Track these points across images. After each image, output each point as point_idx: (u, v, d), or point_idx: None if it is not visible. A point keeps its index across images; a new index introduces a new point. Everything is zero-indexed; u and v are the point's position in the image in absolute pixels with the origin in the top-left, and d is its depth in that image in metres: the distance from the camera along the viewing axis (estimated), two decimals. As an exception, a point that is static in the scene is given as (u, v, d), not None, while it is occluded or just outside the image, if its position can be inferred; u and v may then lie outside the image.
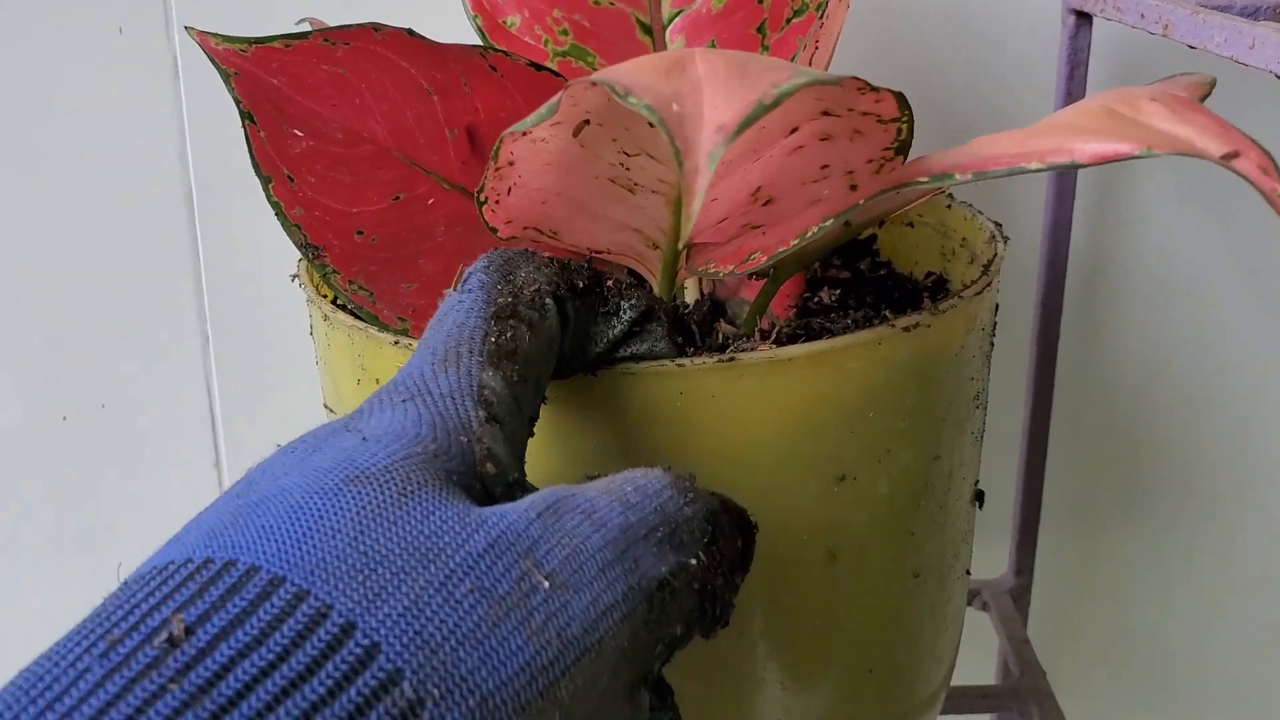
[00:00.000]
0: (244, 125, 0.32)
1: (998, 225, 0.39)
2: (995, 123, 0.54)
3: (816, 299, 0.40)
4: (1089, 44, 0.49)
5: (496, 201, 0.32)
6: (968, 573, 0.40)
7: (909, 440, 0.34)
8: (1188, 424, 0.59)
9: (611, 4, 0.38)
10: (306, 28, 0.39)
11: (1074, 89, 0.50)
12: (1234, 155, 0.23)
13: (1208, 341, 0.58)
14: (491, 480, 0.25)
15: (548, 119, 0.27)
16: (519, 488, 0.26)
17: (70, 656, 0.20)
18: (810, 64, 0.37)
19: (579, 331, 0.30)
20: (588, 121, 0.29)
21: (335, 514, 0.22)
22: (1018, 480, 0.56)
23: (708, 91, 0.23)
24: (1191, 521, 0.61)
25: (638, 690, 0.24)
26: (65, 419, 0.57)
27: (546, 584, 0.22)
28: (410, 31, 0.33)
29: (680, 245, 0.34)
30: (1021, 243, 0.54)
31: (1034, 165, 0.25)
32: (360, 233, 0.33)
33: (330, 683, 0.20)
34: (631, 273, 0.35)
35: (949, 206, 0.42)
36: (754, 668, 0.35)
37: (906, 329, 0.32)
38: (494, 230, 0.34)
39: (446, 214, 0.35)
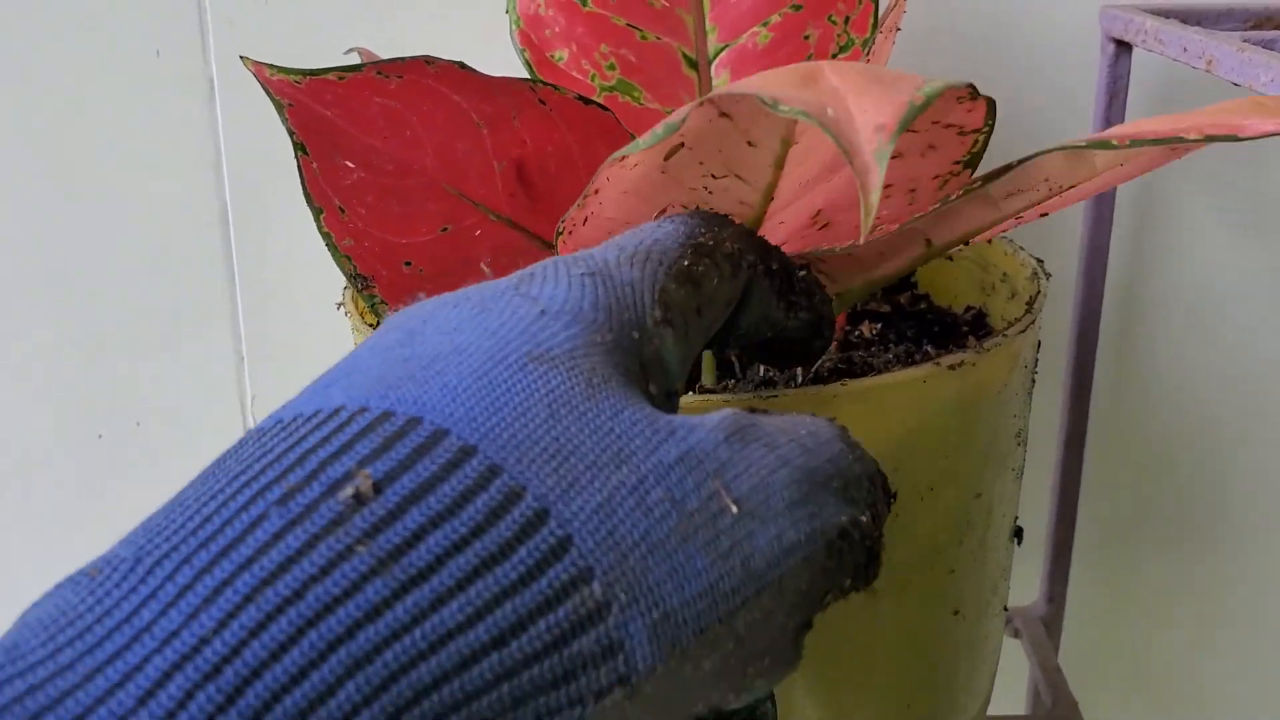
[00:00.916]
0: (297, 156, 0.32)
1: (1039, 261, 0.39)
2: (1033, 148, 0.54)
3: (857, 333, 0.40)
4: (1128, 72, 0.49)
5: (570, 233, 0.32)
6: (1005, 608, 0.40)
7: (951, 478, 0.34)
8: (1223, 451, 0.59)
9: (658, 39, 0.38)
10: (356, 58, 0.39)
11: (1113, 117, 0.50)
12: None
13: (1244, 369, 0.57)
14: (656, 385, 0.24)
15: (662, 140, 0.26)
16: (676, 398, 0.25)
17: (241, 498, 0.18)
18: (855, 99, 0.37)
19: (759, 313, 0.28)
20: (682, 145, 0.29)
21: (523, 391, 0.20)
22: (1051, 506, 0.55)
23: (851, 98, 0.23)
24: (1226, 549, 0.61)
25: (801, 635, 0.24)
26: (100, 437, 0.57)
27: (735, 509, 0.21)
28: (461, 64, 0.33)
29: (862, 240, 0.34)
30: (1058, 271, 0.54)
31: (1193, 136, 0.25)
32: (409, 264, 0.34)
33: (523, 569, 0.18)
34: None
35: (989, 241, 0.42)
36: (793, 702, 0.35)
37: (951, 367, 0.33)
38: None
39: (492, 245, 0.35)
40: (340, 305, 0.38)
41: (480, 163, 0.34)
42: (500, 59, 0.40)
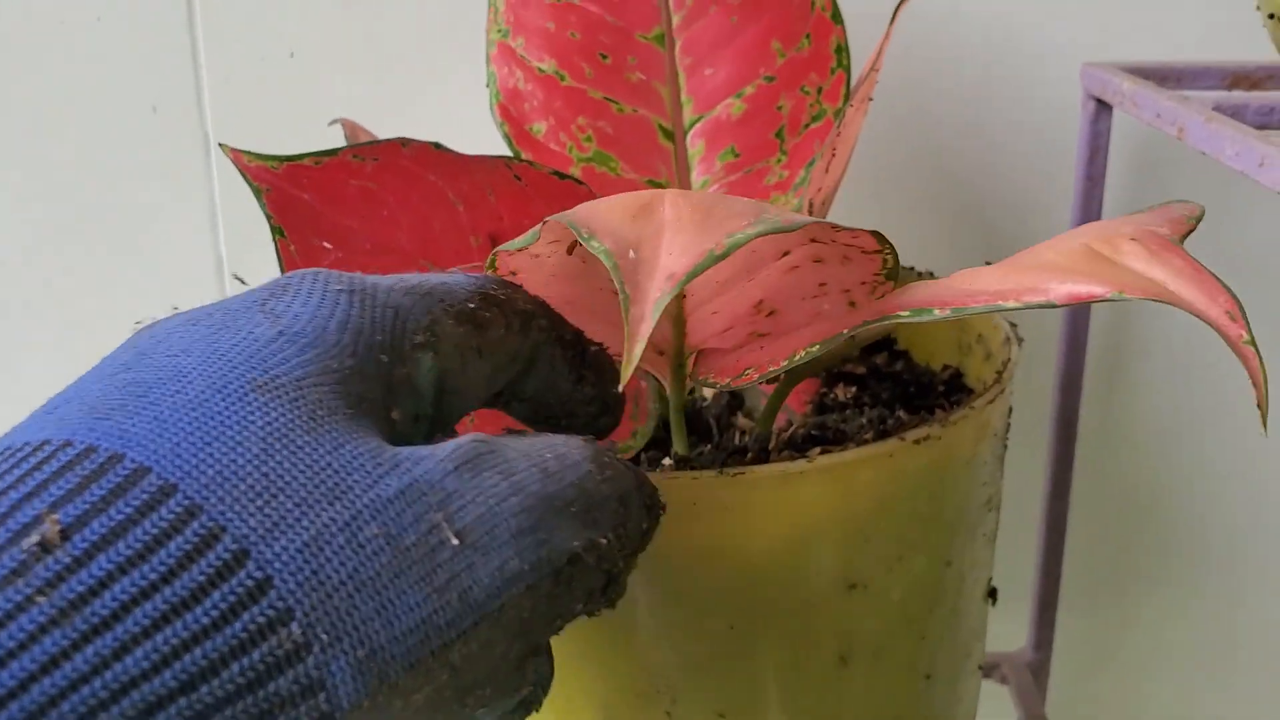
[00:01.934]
0: (274, 239, 0.33)
1: (1013, 326, 0.40)
2: (1015, 208, 0.54)
3: (832, 395, 0.41)
4: (1109, 129, 0.50)
5: None
6: (980, 669, 0.41)
7: (920, 548, 0.34)
8: (1210, 496, 0.59)
9: (635, 111, 0.39)
10: (339, 129, 0.40)
11: (1094, 173, 0.50)
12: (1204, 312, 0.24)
13: (1231, 414, 0.58)
14: (401, 410, 0.24)
15: (524, 247, 0.28)
16: (427, 424, 0.25)
17: None
18: (828, 169, 0.37)
19: (546, 379, 0.28)
20: (577, 243, 0.30)
21: (238, 424, 0.20)
22: (1037, 552, 0.56)
23: (667, 237, 0.24)
24: (1215, 596, 0.61)
25: (527, 661, 0.24)
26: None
27: (455, 541, 0.21)
28: (437, 145, 0.34)
29: (706, 349, 0.35)
30: (1041, 317, 0.55)
31: (1010, 304, 0.26)
32: None
33: (215, 613, 0.18)
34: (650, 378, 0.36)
35: (965, 303, 0.43)
36: (766, 767, 0.35)
37: (917, 441, 0.33)
38: None
39: None
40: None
41: (456, 239, 0.35)
42: (481, 130, 0.40)
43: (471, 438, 0.23)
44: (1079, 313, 0.53)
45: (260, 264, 0.55)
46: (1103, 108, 0.49)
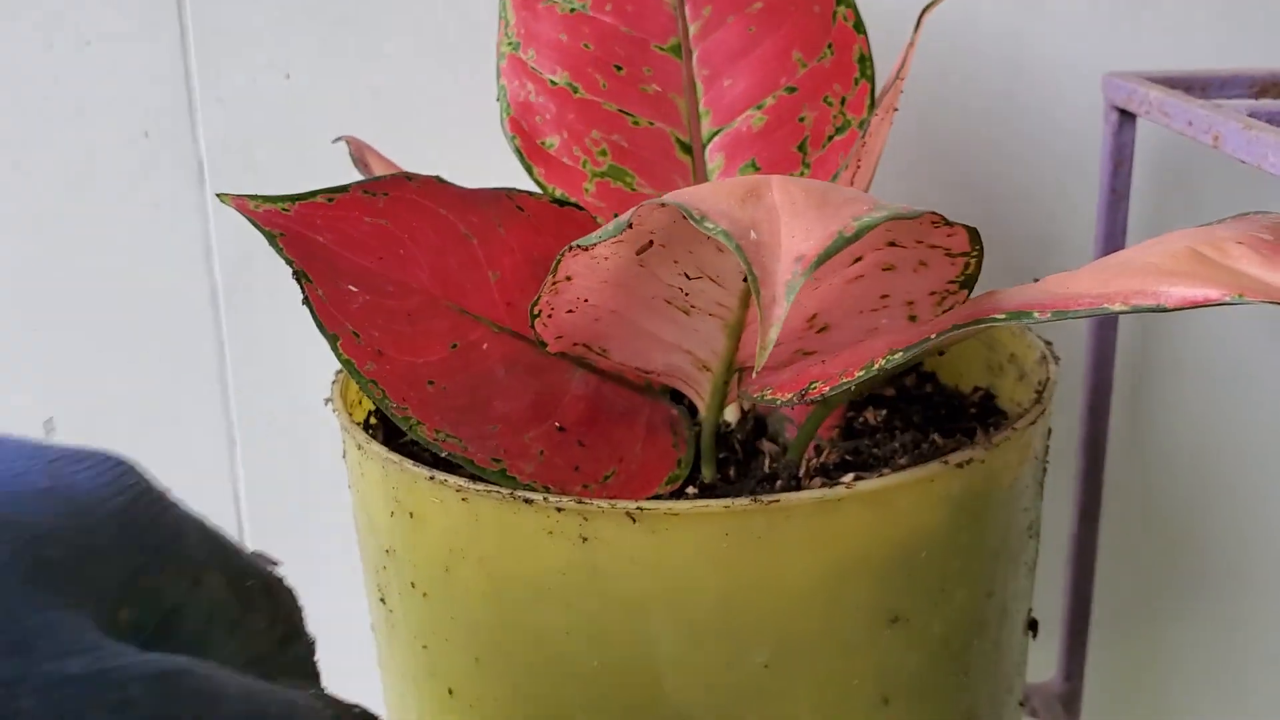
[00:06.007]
0: (301, 285, 0.31)
1: (1049, 344, 0.38)
2: (1039, 220, 0.53)
3: (861, 419, 0.39)
4: (1133, 140, 0.48)
5: (549, 316, 0.32)
6: (1021, 704, 0.39)
7: (962, 578, 0.33)
8: (1240, 521, 0.57)
9: (651, 124, 0.38)
10: (344, 146, 0.38)
11: (1118, 185, 0.49)
12: None
13: (1260, 437, 0.56)
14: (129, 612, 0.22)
15: (613, 237, 0.27)
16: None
17: None
18: (852, 182, 0.36)
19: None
20: (651, 243, 0.29)
21: None
22: (1066, 581, 0.54)
23: (785, 220, 0.23)
24: (1252, 621, 0.59)
25: None
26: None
27: None
28: (439, 179, 0.33)
29: (748, 368, 0.34)
30: (1066, 339, 0.53)
31: (1117, 307, 0.24)
32: (431, 383, 0.32)
33: None
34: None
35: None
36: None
37: (960, 465, 0.31)
38: (543, 344, 0.33)
39: (502, 357, 0.34)
40: (328, 401, 0.37)
41: (475, 274, 0.33)
42: (493, 150, 0.39)
43: (188, 660, 0.21)
44: (1105, 329, 0.51)
45: (256, 292, 0.53)
46: (1126, 118, 0.48)
